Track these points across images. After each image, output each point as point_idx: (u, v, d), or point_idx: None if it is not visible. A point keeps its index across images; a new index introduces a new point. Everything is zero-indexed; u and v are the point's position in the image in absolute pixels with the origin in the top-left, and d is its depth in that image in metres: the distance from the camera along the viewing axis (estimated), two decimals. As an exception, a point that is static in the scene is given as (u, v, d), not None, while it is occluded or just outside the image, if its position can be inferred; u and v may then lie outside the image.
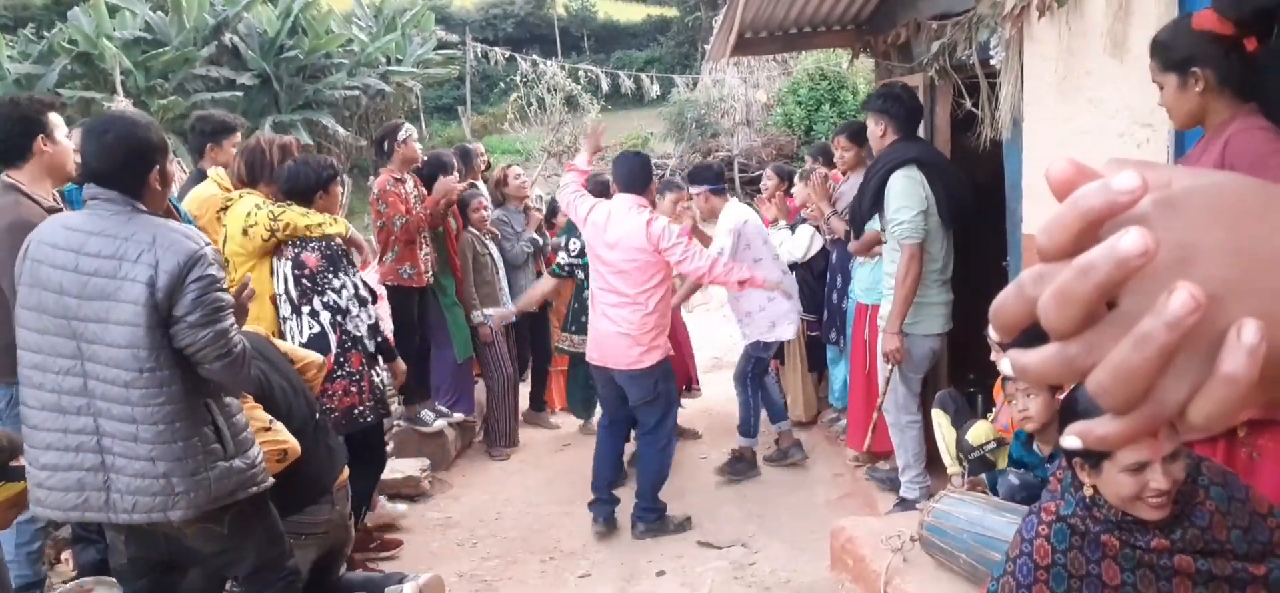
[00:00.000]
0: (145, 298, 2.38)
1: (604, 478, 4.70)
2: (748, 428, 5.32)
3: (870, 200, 4.12)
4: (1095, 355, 0.44)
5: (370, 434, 4.05)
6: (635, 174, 4.47)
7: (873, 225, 4.35)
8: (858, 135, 4.89)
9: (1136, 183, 0.44)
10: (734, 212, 5.08)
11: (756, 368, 5.27)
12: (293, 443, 2.89)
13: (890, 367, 4.12)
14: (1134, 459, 1.79)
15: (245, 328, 3.44)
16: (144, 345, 2.39)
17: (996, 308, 0.48)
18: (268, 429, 2.86)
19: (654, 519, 4.57)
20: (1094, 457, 1.86)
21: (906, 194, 3.91)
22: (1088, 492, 1.91)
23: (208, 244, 2.53)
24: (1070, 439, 0.48)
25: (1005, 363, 0.51)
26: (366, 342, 3.91)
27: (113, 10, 17.43)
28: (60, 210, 3.29)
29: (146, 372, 2.40)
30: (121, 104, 8.21)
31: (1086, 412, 1.82)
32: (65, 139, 3.41)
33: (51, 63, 16.49)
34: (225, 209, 3.94)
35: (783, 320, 5.12)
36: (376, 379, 3.96)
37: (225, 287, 2.53)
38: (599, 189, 5.21)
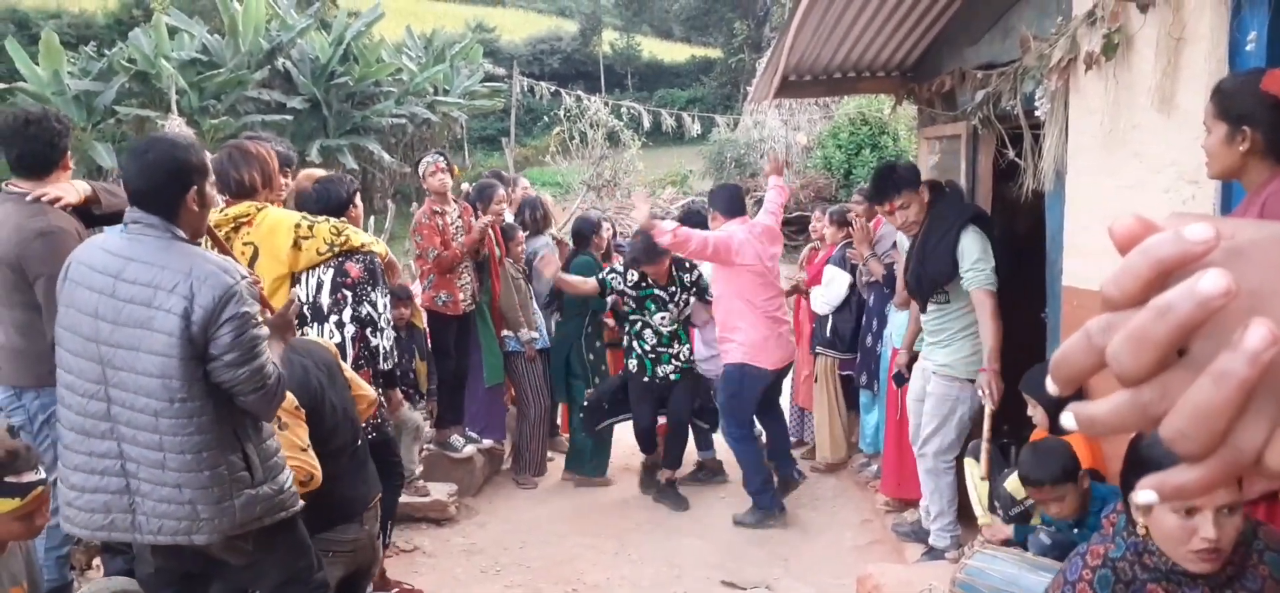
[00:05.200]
0: (180, 330, 2.37)
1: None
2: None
3: (949, 261, 4.04)
4: (1168, 401, 0.44)
5: (380, 449, 4.06)
6: (735, 201, 5.38)
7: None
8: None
9: (1210, 234, 0.44)
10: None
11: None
12: (317, 472, 2.89)
13: (972, 406, 4.11)
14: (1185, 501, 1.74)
15: (315, 340, 3.49)
16: (177, 376, 2.39)
17: (1060, 358, 0.48)
18: (304, 450, 2.88)
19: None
20: None
21: (983, 247, 3.99)
22: (1140, 530, 1.85)
23: (243, 277, 2.50)
24: (1144, 495, 0.47)
25: (1067, 417, 0.49)
26: (382, 362, 3.94)
27: (172, 32, 17.96)
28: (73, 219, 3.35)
29: (178, 402, 2.40)
30: (176, 123, 8.43)
31: (1155, 458, 1.78)
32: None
33: (110, 80, 16.97)
34: (237, 228, 3.61)
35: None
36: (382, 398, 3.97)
37: (258, 320, 2.52)
38: (696, 218, 5.59)
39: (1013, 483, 3.44)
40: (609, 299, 5.65)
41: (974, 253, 3.97)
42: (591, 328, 5.99)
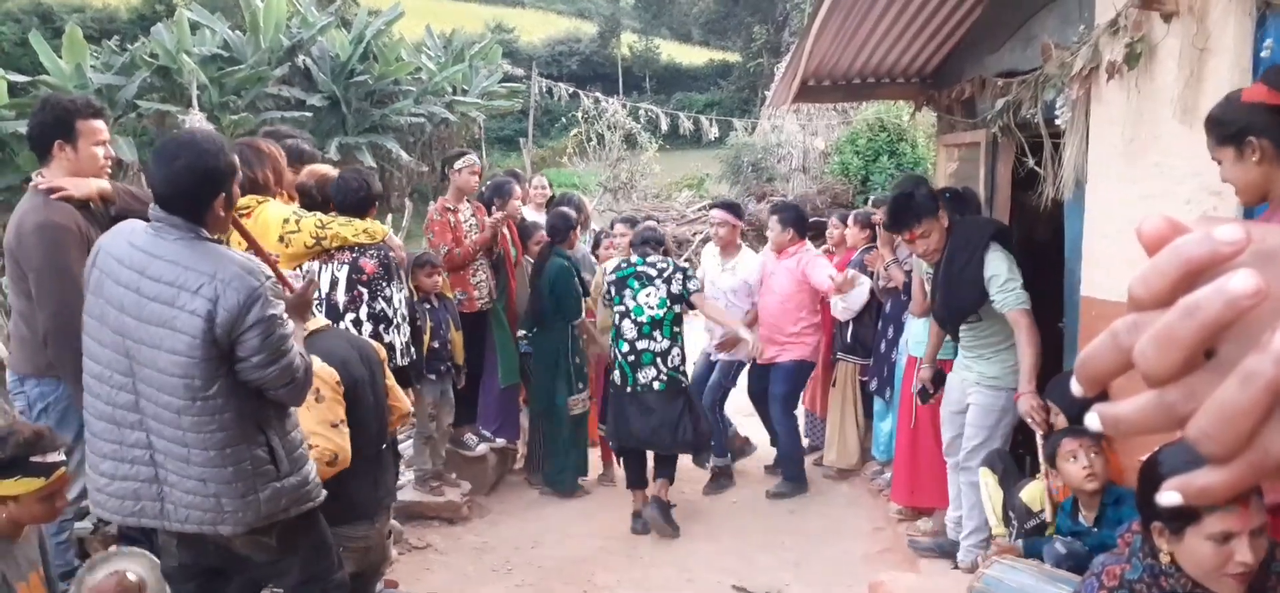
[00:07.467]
0: (202, 331, 2.37)
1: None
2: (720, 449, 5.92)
3: (977, 290, 3.90)
4: (1194, 402, 0.44)
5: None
6: (804, 220, 5.79)
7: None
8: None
9: (1240, 235, 0.43)
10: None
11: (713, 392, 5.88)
12: (345, 452, 2.91)
13: (1016, 415, 3.96)
14: (1222, 528, 1.72)
15: (367, 341, 3.49)
16: (198, 375, 2.39)
17: (1086, 358, 0.47)
18: (335, 427, 2.89)
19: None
20: (1177, 523, 1.78)
21: (1010, 265, 3.85)
22: (1164, 559, 1.84)
23: (268, 277, 2.50)
24: (1168, 496, 0.47)
25: (1091, 418, 0.49)
26: (398, 358, 3.92)
27: (194, 27, 18.08)
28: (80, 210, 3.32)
29: (200, 400, 2.41)
30: (196, 118, 8.47)
31: (1173, 470, 1.76)
32: (95, 147, 3.41)
33: (132, 75, 17.09)
34: (245, 214, 3.60)
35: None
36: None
37: (283, 318, 2.51)
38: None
39: (1028, 493, 3.42)
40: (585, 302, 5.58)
41: (1002, 273, 3.83)
42: (575, 332, 5.62)
